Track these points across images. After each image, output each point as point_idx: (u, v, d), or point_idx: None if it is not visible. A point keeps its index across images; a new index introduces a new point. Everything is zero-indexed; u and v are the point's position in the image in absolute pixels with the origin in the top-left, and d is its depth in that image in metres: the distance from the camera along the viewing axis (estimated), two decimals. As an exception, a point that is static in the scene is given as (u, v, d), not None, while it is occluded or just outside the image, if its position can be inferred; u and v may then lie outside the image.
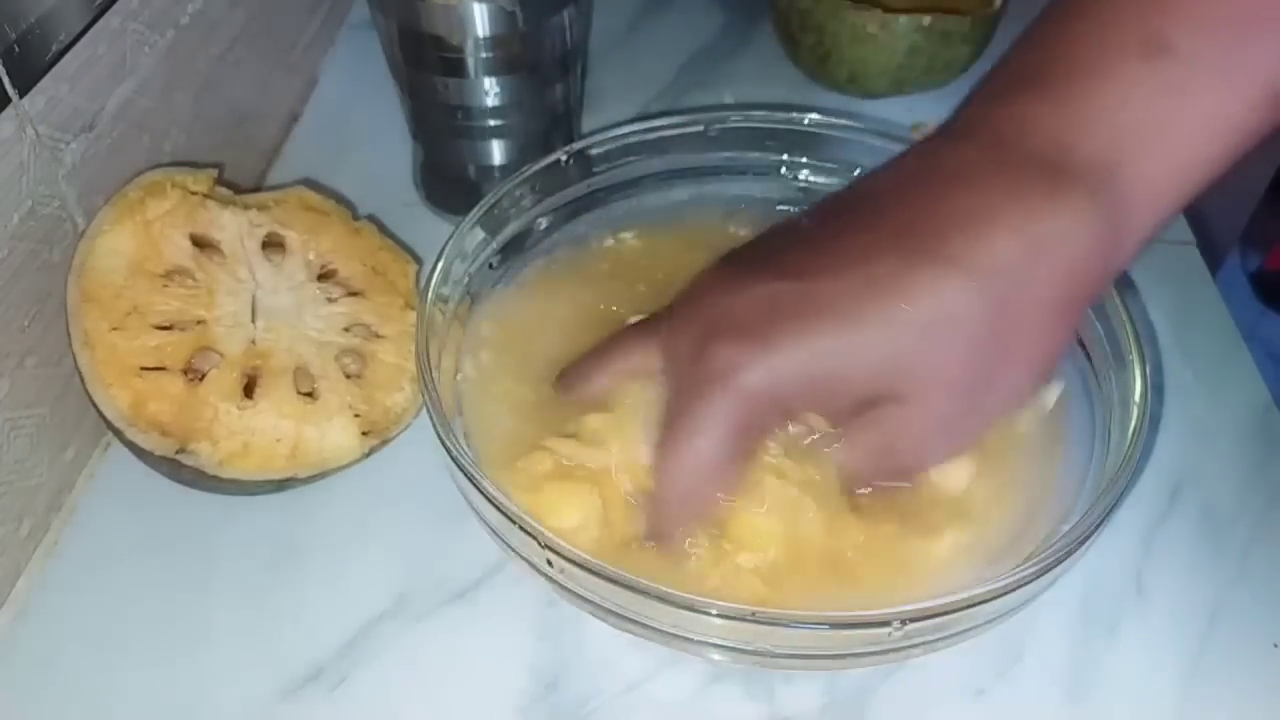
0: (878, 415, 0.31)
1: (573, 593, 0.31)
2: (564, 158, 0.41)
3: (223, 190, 0.41)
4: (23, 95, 0.35)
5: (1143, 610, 0.37)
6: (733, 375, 0.29)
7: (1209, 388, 0.44)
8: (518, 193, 0.40)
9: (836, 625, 0.29)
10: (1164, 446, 0.42)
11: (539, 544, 0.30)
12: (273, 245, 0.41)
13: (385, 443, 0.39)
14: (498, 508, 0.30)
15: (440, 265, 0.37)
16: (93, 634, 0.36)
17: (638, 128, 0.42)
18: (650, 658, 0.35)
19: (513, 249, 0.41)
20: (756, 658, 0.30)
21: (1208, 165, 0.30)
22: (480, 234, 0.39)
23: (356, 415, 0.38)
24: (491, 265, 0.40)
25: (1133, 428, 0.32)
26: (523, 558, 0.31)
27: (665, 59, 0.62)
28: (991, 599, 0.29)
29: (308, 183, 0.44)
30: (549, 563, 0.30)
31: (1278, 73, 0.29)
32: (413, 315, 0.41)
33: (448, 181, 0.51)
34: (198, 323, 0.38)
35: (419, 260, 0.44)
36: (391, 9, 0.43)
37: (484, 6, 0.42)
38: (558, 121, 0.49)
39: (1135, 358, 0.34)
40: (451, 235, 0.37)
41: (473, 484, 0.31)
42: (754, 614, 0.28)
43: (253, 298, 0.39)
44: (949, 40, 0.53)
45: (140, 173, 0.39)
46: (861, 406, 0.31)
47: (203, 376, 0.37)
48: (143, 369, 0.36)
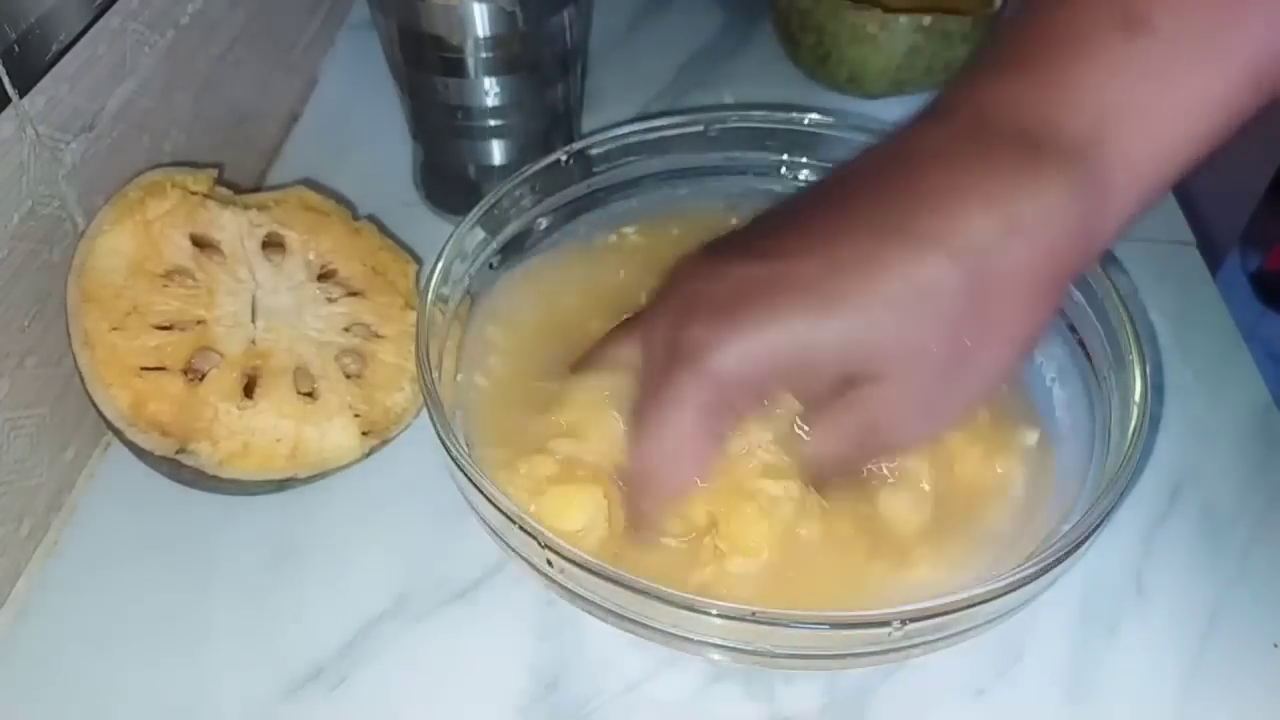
0: (856, 395, 0.30)
1: (573, 593, 0.31)
2: (564, 158, 0.41)
3: (223, 190, 0.41)
4: (23, 95, 0.35)
5: (1143, 610, 0.37)
6: (701, 356, 0.29)
7: (1209, 388, 0.44)
8: (518, 193, 0.40)
9: (836, 625, 0.29)
10: (1164, 446, 0.42)
11: (539, 544, 0.30)
12: (273, 245, 0.41)
13: (385, 443, 0.39)
14: (498, 508, 0.30)
15: (440, 265, 0.37)
16: (93, 634, 0.36)
17: (638, 128, 0.42)
18: (650, 658, 0.35)
19: (513, 249, 0.41)
20: (756, 658, 0.30)
21: (1191, 145, 0.30)
22: (480, 234, 0.39)
23: (356, 415, 0.38)
24: (491, 265, 0.40)
25: (1133, 428, 0.32)
26: (523, 558, 0.31)
27: (665, 59, 0.62)
28: (991, 599, 0.29)
29: (308, 183, 0.44)
30: (549, 563, 0.30)
31: (1260, 53, 0.29)
32: (413, 315, 0.41)
33: (448, 181, 0.51)
34: (198, 323, 0.38)
35: (419, 260, 0.44)
36: (391, 9, 0.43)
37: (484, 6, 0.42)
38: (558, 121, 0.49)
39: (1135, 358, 0.34)
40: (451, 235, 0.37)
41: (473, 484, 0.31)
42: (754, 614, 0.28)
43: (253, 298, 0.39)
44: (949, 40, 0.53)
45: (140, 173, 0.39)
46: (841, 388, 0.30)
47: (203, 376, 0.37)
48: (143, 369, 0.36)
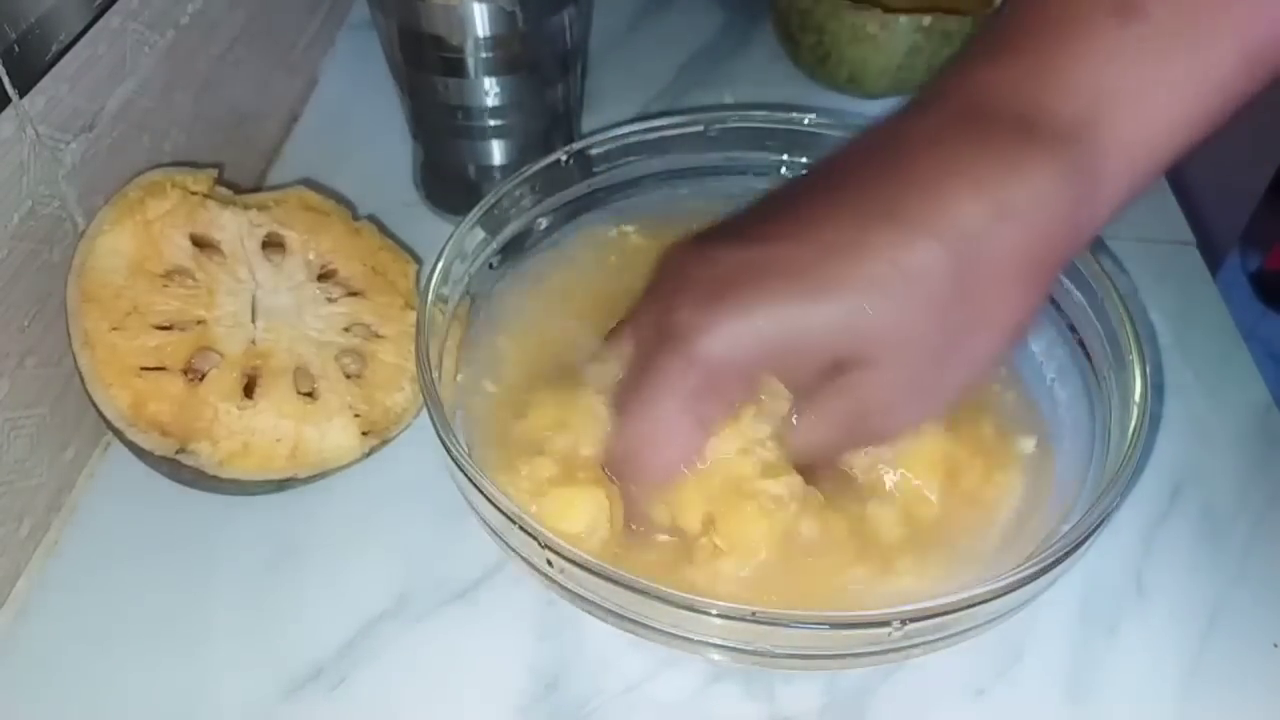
0: (846, 381, 0.30)
1: (573, 593, 0.31)
2: (564, 158, 0.41)
3: (223, 190, 0.41)
4: (23, 95, 0.35)
5: (1143, 610, 0.37)
6: (687, 340, 0.29)
7: (1209, 388, 0.44)
8: (518, 193, 0.40)
9: (836, 625, 0.29)
10: (1164, 446, 0.42)
11: (539, 544, 0.30)
12: (273, 245, 0.41)
13: (385, 443, 0.39)
14: (498, 508, 0.30)
15: (440, 265, 0.37)
16: (93, 634, 0.36)
17: (638, 128, 0.42)
18: (650, 658, 0.35)
19: (513, 249, 0.41)
20: (756, 658, 0.30)
21: (1184, 130, 0.30)
22: (480, 234, 0.39)
23: (356, 415, 0.38)
24: (491, 265, 0.40)
25: (1133, 428, 0.32)
26: (523, 558, 0.31)
27: (665, 59, 0.62)
28: (991, 599, 0.29)
29: (308, 183, 0.44)
30: (549, 563, 0.30)
31: (1252, 37, 0.29)
32: (413, 315, 0.41)
33: (448, 181, 0.51)
34: (198, 323, 0.38)
35: (419, 260, 0.44)
36: (391, 9, 0.43)
37: (484, 6, 0.42)
38: (558, 121, 0.49)
39: (1135, 358, 0.34)
40: (451, 235, 0.37)
41: (473, 484, 0.31)
42: (754, 614, 0.28)
43: (253, 298, 0.39)
44: (949, 40, 0.53)
45: (140, 173, 0.39)
46: (830, 374, 0.30)
47: (203, 376, 0.37)
48: (143, 369, 0.36)
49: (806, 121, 0.42)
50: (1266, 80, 0.30)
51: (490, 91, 0.45)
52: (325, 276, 0.41)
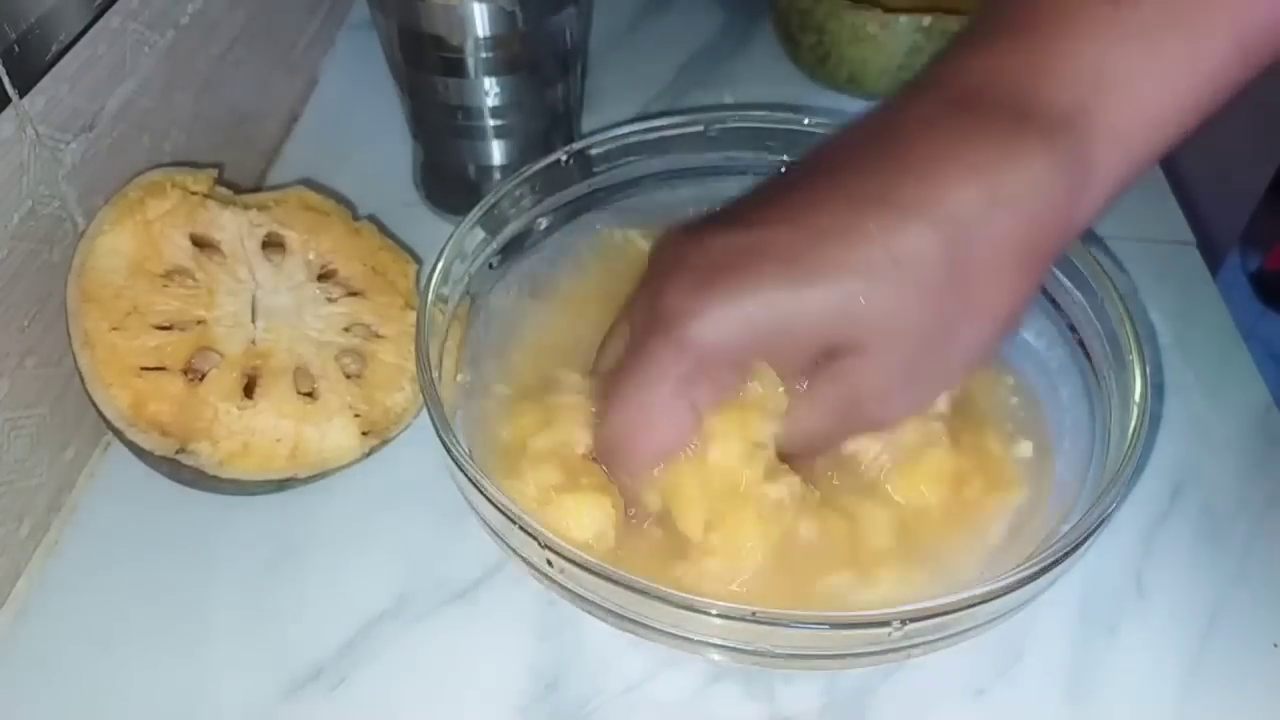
0: (838, 367, 0.30)
1: (573, 593, 0.31)
2: (564, 158, 0.41)
3: (223, 190, 0.41)
4: (23, 95, 0.35)
5: (1143, 610, 0.37)
6: (678, 324, 0.29)
7: (1209, 388, 0.44)
8: (518, 193, 0.40)
9: (836, 625, 0.29)
10: (1164, 446, 0.42)
11: (539, 544, 0.30)
12: (273, 245, 0.41)
13: (385, 443, 0.39)
14: (498, 508, 0.30)
15: (440, 265, 0.37)
16: (93, 634, 0.36)
17: (638, 128, 0.42)
18: (650, 658, 0.35)
19: (513, 249, 0.41)
20: (756, 658, 0.30)
21: (1178, 117, 0.30)
22: (480, 234, 0.39)
23: (356, 415, 0.38)
24: (491, 265, 0.40)
25: (1133, 428, 0.32)
26: (522, 558, 0.31)
27: (665, 59, 0.62)
28: (991, 599, 0.29)
29: (308, 183, 0.44)
30: (549, 563, 0.30)
31: (1246, 24, 0.29)
32: (413, 315, 0.41)
33: (448, 181, 0.51)
34: (198, 323, 0.38)
35: (419, 260, 0.44)
36: (391, 9, 0.43)
37: (484, 6, 0.42)
38: (558, 121, 0.49)
39: (1135, 358, 0.34)
40: (451, 235, 0.37)
41: (473, 484, 0.31)
42: (754, 614, 0.28)
43: (253, 298, 0.39)
44: (949, 40, 0.53)
45: (140, 173, 0.39)
46: (823, 360, 0.30)
47: (203, 376, 0.37)
48: (143, 369, 0.36)
49: (806, 121, 0.42)
50: (1260, 68, 0.30)
51: (490, 91, 0.45)
52: (325, 276, 0.41)
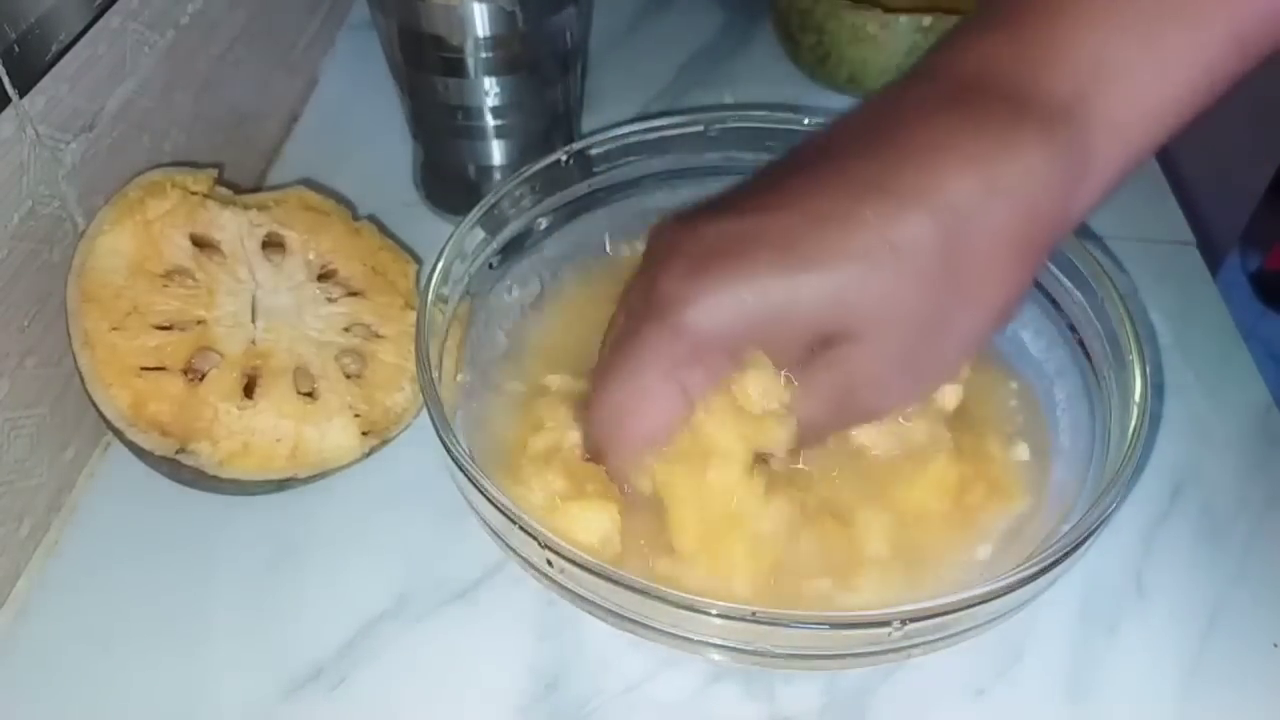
0: (833, 355, 0.30)
1: (573, 593, 0.31)
2: (564, 158, 0.41)
3: (223, 190, 0.41)
4: (23, 95, 0.35)
5: (1143, 610, 0.37)
6: (671, 309, 0.29)
7: (1209, 388, 0.44)
8: (518, 193, 0.40)
9: (836, 625, 0.29)
10: (1164, 446, 0.42)
11: (539, 544, 0.30)
12: (273, 245, 0.41)
13: (385, 443, 0.39)
14: (498, 508, 0.30)
15: (440, 265, 0.37)
16: (93, 634, 0.36)
17: (638, 128, 0.42)
18: (650, 658, 0.35)
19: (513, 249, 0.41)
20: (756, 658, 0.30)
21: (1175, 108, 0.30)
22: (480, 234, 0.39)
23: (356, 415, 0.38)
24: (491, 265, 0.40)
25: (1133, 428, 0.32)
26: (522, 558, 0.31)
27: (665, 59, 0.62)
28: (991, 599, 0.29)
29: (308, 183, 0.44)
30: (549, 563, 0.30)
31: (1242, 14, 0.29)
32: (413, 315, 0.41)
33: (448, 181, 0.51)
34: (198, 323, 0.38)
35: (419, 260, 0.44)
36: (391, 9, 0.43)
37: (484, 6, 0.42)
38: (558, 121, 0.49)
39: (1135, 358, 0.34)
40: (451, 235, 0.37)
41: (473, 484, 0.31)
42: (754, 614, 0.28)
43: (253, 298, 0.39)
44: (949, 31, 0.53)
45: (140, 173, 0.39)
46: (820, 348, 0.30)
47: (203, 376, 0.37)
48: (143, 369, 0.36)
49: (806, 121, 0.42)
50: (1257, 59, 0.30)
51: (490, 91, 0.45)
52: (325, 276, 0.41)
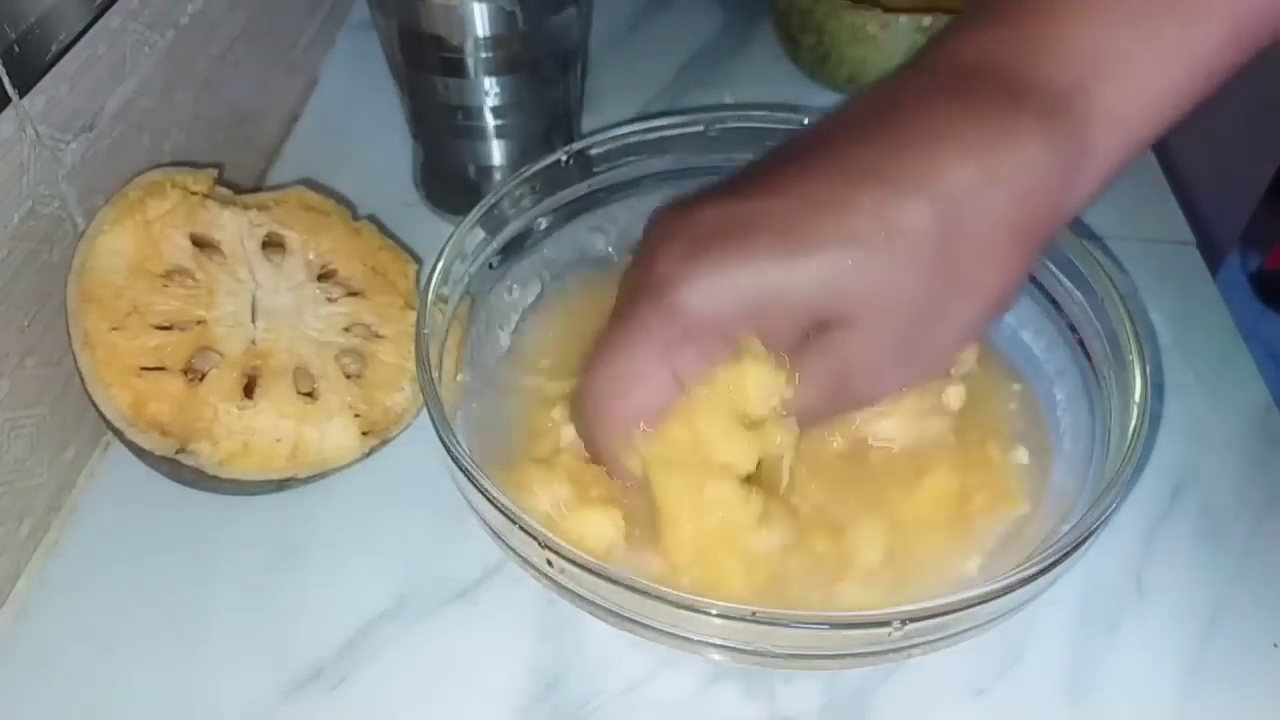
0: (828, 341, 0.30)
1: (573, 593, 0.31)
2: (564, 158, 0.41)
3: (223, 190, 0.41)
4: (23, 95, 0.35)
5: (1143, 610, 0.37)
6: (666, 291, 0.29)
7: (1209, 388, 0.44)
8: (518, 193, 0.40)
9: (836, 625, 0.29)
10: (1164, 446, 0.42)
11: (539, 544, 0.30)
12: (273, 245, 0.41)
13: (385, 443, 0.39)
14: (498, 508, 0.30)
15: (440, 265, 0.37)
16: (93, 634, 0.36)
17: (638, 128, 0.42)
18: (650, 658, 0.35)
19: (513, 249, 0.41)
20: (756, 658, 0.30)
21: (1174, 100, 0.30)
22: (480, 234, 0.39)
23: (356, 415, 0.38)
24: (491, 265, 0.40)
25: (1133, 428, 0.32)
26: (522, 558, 0.31)
27: (665, 59, 0.62)
28: (991, 599, 0.29)
29: (308, 183, 0.44)
30: (549, 563, 0.30)
31: (1241, 9, 0.29)
32: (413, 315, 0.41)
33: (448, 181, 0.51)
34: (198, 323, 0.38)
35: (419, 260, 0.44)
36: (391, 9, 0.43)
37: (484, 6, 0.42)
38: (558, 121, 0.49)
39: (1135, 358, 0.34)
40: (451, 235, 0.37)
41: (473, 484, 0.31)
42: (754, 614, 0.28)
43: (253, 298, 0.39)
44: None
45: (140, 173, 0.39)
46: (815, 333, 0.30)
47: (203, 376, 0.37)
48: (143, 369, 0.36)
49: (806, 121, 0.42)
50: (1255, 52, 0.30)
51: (490, 91, 0.45)
52: (325, 276, 0.41)
